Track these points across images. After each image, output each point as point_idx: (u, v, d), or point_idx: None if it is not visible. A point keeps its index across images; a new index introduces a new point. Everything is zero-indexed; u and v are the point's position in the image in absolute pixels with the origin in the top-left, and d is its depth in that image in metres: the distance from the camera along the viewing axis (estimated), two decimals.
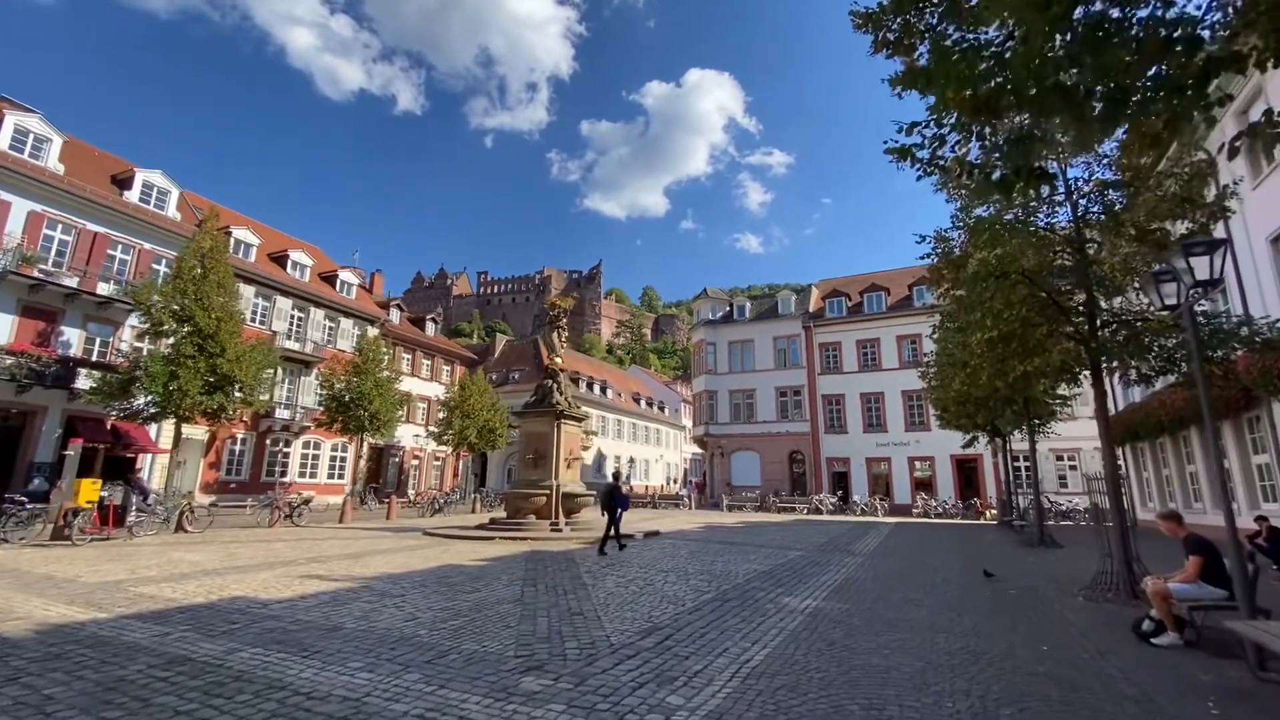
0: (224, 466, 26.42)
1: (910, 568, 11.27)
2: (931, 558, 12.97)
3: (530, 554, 12.09)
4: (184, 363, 18.95)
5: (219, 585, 8.06)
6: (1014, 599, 8.14)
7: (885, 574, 10.40)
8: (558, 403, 17.32)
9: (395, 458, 35.81)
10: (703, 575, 9.73)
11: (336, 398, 26.60)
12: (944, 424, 23.99)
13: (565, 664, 4.90)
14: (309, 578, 8.78)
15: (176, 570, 9.28)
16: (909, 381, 33.78)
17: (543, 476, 16.78)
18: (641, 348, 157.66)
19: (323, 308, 31.60)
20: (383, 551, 12.08)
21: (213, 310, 19.82)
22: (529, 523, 16.09)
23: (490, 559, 11.22)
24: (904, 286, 37.34)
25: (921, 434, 33.83)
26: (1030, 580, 9.83)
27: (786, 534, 18.54)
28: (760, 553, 13.15)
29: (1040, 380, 10.10)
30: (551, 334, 18.51)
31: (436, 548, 12.95)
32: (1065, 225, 9.39)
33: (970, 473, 33.12)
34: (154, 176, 24.76)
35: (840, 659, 5.17)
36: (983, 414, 18.15)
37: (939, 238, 9.91)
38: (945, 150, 3.73)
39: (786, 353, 38.66)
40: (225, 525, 17.55)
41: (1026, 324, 8.63)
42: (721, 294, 42.79)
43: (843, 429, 36.10)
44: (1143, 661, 5.30)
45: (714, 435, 39.07)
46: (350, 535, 15.56)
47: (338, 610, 6.68)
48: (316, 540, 14.04)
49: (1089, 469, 30.47)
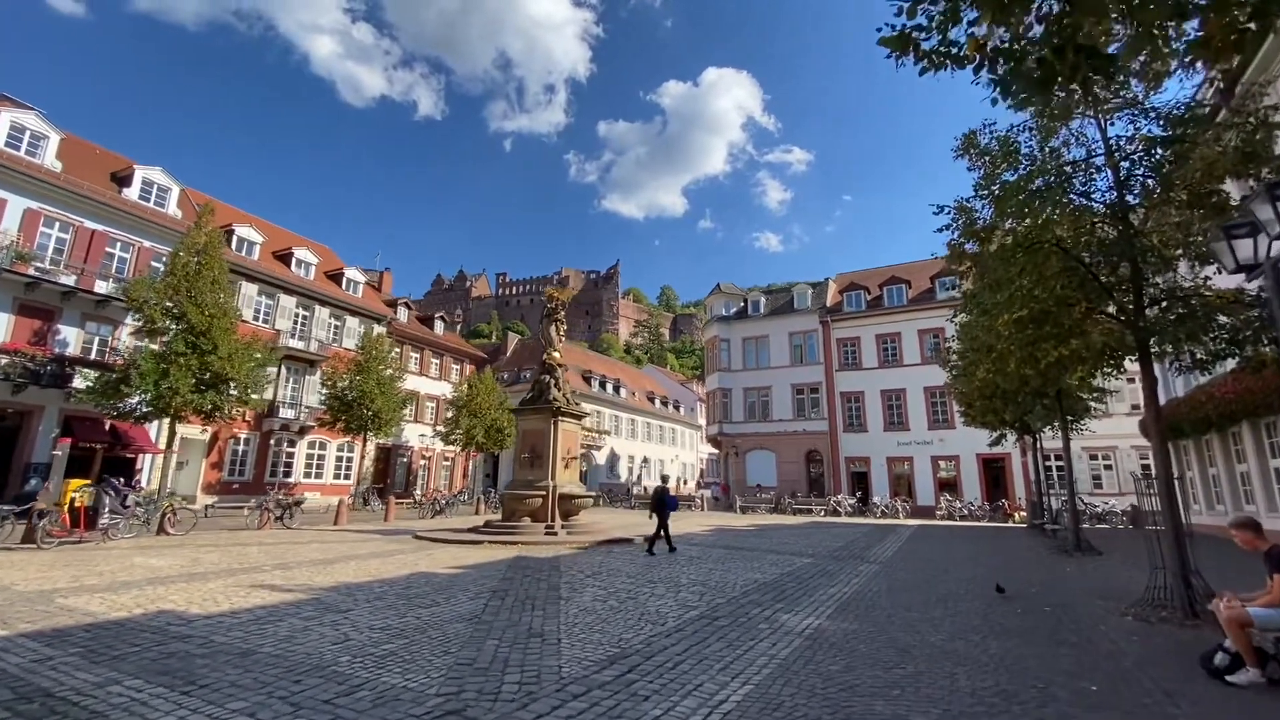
0: (226, 467, 26.07)
1: (930, 577, 10.17)
2: (955, 566, 11.82)
3: (515, 560, 11.23)
4: (176, 360, 18.53)
5: (154, 596, 7.32)
6: (1050, 618, 7.04)
7: (902, 585, 9.33)
8: (555, 399, 16.45)
9: (403, 458, 35.33)
10: (696, 586, 8.77)
11: (338, 396, 26.13)
12: (969, 421, 22.66)
13: (493, 707, 3.99)
14: (259, 588, 8.01)
15: (122, 578, 8.58)
16: (932, 377, 32.36)
17: (539, 477, 15.93)
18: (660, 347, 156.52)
19: (328, 306, 31.19)
20: (359, 557, 11.32)
21: (206, 307, 19.38)
22: (523, 526, 15.25)
23: (469, 566, 10.37)
24: (926, 279, 35.85)
25: (945, 432, 32.36)
26: (1067, 593, 8.68)
27: (799, 538, 17.45)
28: (766, 560, 12.13)
29: (1077, 368, 8.93)
30: (549, 328, 17.64)
31: (418, 553, 12.16)
32: (1105, 193, 8.25)
33: (997, 473, 31.58)
34: (154, 173, 24.49)
35: (836, 702, 4.18)
36: (1011, 409, 16.89)
37: (960, 208, 8.81)
38: (958, 32, 2.73)
39: (803, 348, 37.40)
40: (216, 527, 17.01)
41: (1061, 302, 7.53)
42: (735, 289, 41.60)
43: (862, 427, 34.75)
44: (1219, 706, 4.24)
45: (728, 434, 37.95)
46: (337, 539, 14.87)
47: (264, 629, 5.86)
48: (297, 544, 13.34)
49: (1126, 468, 28.80)
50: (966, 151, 9.28)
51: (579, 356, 52.94)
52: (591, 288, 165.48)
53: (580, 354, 54.91)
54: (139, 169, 24.09)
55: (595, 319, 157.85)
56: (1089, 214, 7.82)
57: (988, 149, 8.78)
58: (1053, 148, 8.47)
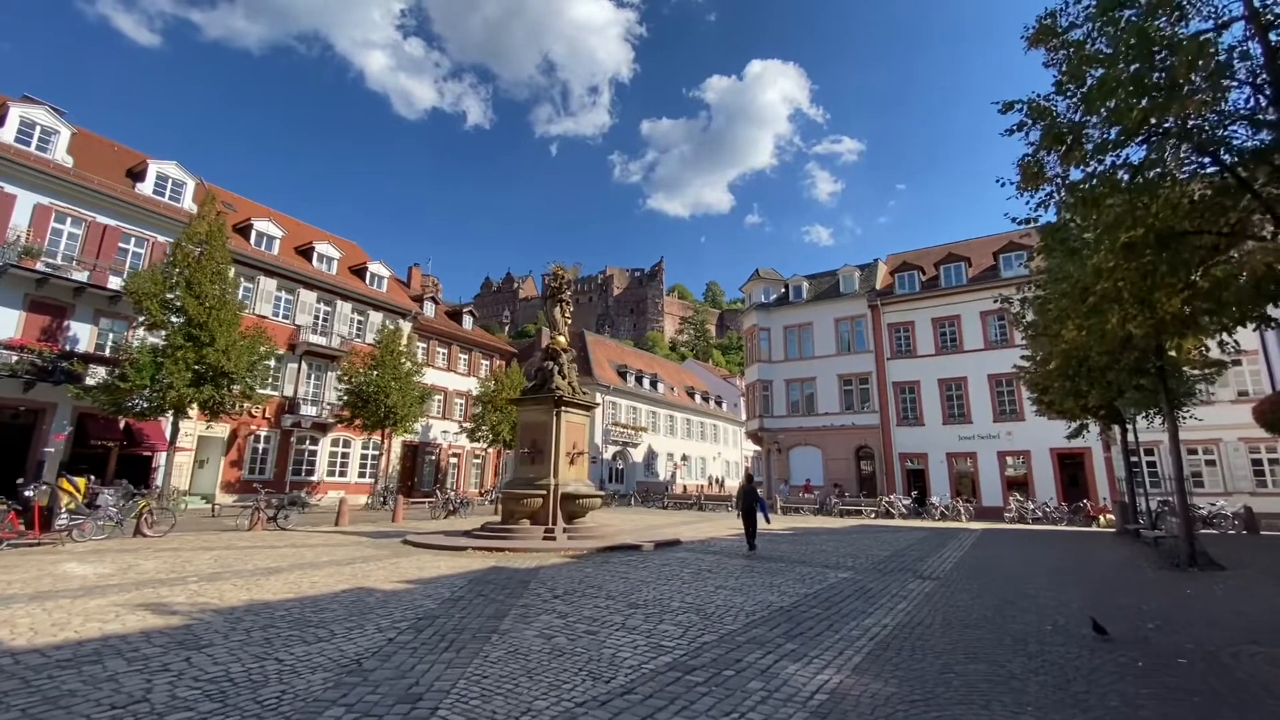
0: (246, 465, 25.58)
1: (1001, 603, 7.85)
2: (1033, 583, 9.39)
3: (485, 573, 9.50)
4: (173, 354, 17.80)
5: (4, 619, 5.92)
6: (1189, 676, 4.75)
7: (962, 617, 7.09)
8: (558, 387, 14.72)
9: (431, 455, 34.45)
10: (687, 614, 6.80)
11: (355, 391, 25.25)
12: (1042, 410, 19.74)
13: None
14: (143, 608, 6.53)
15: (9, 592, 7.29)
16: (997, 363, 29.11)
17: (540, 474, 14.22)
18: (705, 344, 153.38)
19: (350, 301, 30.53)
20: (313, 566, 9.84)
21: (206, 299, 18.60)
22: (519, 529, 13.58)
23: (422, 580, 8.70)
24: (988, 255, 32.43)
25: (1013, 424, 29.01)
26: (1202, 633, 6.27)
27: (840, 545, 15.16)
28: (793, 574, 10.02)
29: (1208, 322, 6.48)
30: (554, 309, 15.92)
31: (385, 562, 10.61)
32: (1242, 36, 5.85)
33: (1075, 470, 28.04)
34: (168, 168, 24.15)
35: None
36: (1097, 391, 14.10)
37: (1034, 108, 6.50)
38: None
39: (850, 336, 34.54)
40: (217, 528, 16.07)
41: (1195, 213, 5.18)
42: (775, 275, 38.92)
43: (918, 420, 31.67)
44: None
45: (769, 429, 35.47)
46: (320, 542, 13.56)
47: (68, 672, 4.27)
48: (259, 549, 12.03)
49: (1232, 464, 25.02)
50: (1043, 40, 6.98)
51: (614, 351, 51.34)
52: (636, 286, 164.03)
53: (615, 348, 53.31)
54: (153, 163, 23.78)
55: (640, 317, 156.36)
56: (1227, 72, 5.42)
57: (1070, 31, 6.47)
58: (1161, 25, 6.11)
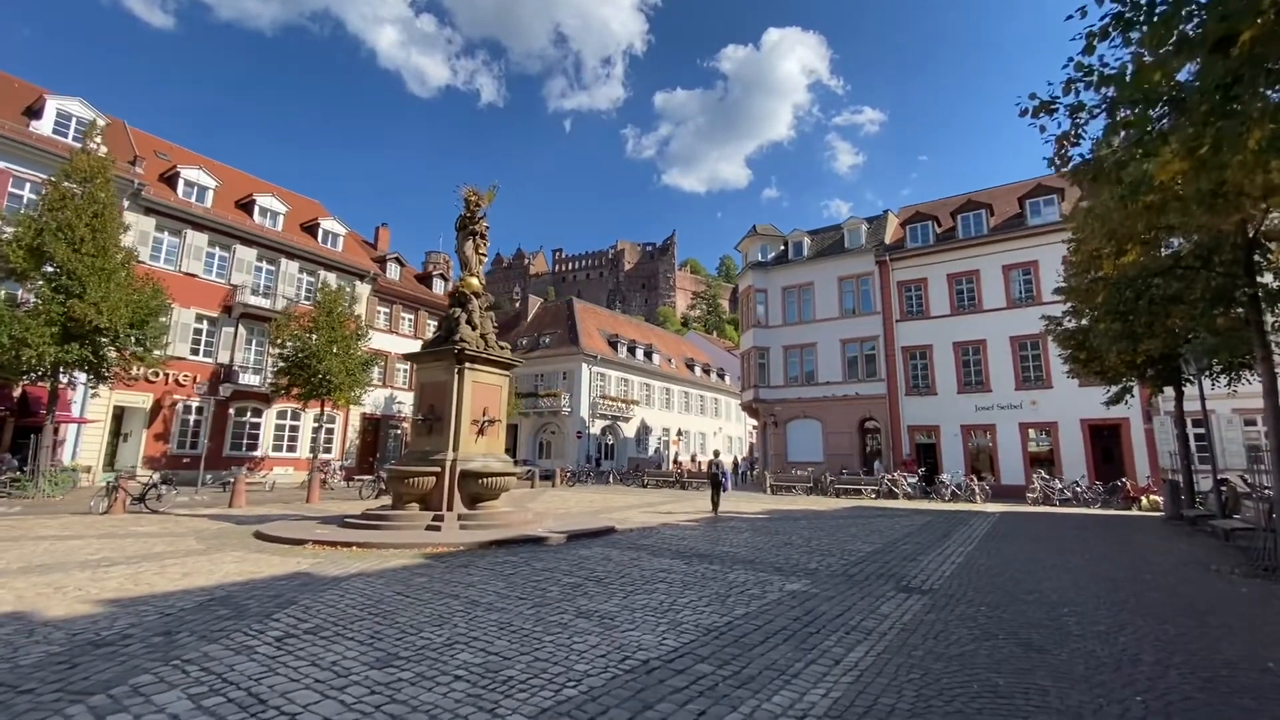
0: (174, 439, 23.14)
1: (1022, 649, 4.78)
2: (1070, 606, 6.29)
3: (246, 587, 6.67)
4: (36, 307, 15.15)
5: None
6: None
7: (957, 681, 4.04)
8: (462, 339, 11.76)
9: (396, 430, 31.90)
10: (486, 673, 3.86)
11: (288, 358, 22.60)
12: (1076, 372, 16.41)
13: None
14: None
15: None
16: (1021, 324, 25.57)
17: (437, 446, 11.35)
18: (718, 319, 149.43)
19: (296, 259, 27.74)
20: (88, 565, 7.09)
21: (83, 246, 15.88)
22: (403, 515, 10.75)
23: (127, 600, 5.88)
24: (1012, 202, 28.63)
25: (1039, 392, 25.55)
26: None
27: (817, 535, 12.15)
28: (719, 585, 7.04)
29: None
30: (465, 242, 12.88)
31: (178, 560, 7.83)
32: None
33: (1110, 443, 24.58)
34: (70, 104, 21.35)
35: None
36: (1154, 339, 10.73)
37: None
38: None
39: (856, 296, 31.05)
40: (60, 511, 13.55)
41: None
42: (774, 231, 35.29)
43: (930, 389, 28.29)
44: None
45: (765, 400, 32.32)
46: (161, 531, 10.89)
47: None
48: (69, 539, 9.35)
49: None
50: None
51: (605, 320, 48.27)
52: (647, 260, 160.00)
53: (607, 317, 50.21)
54: (51, 99, 20.99)
55: (652, 292, 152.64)
56: None
57: None
58: None
